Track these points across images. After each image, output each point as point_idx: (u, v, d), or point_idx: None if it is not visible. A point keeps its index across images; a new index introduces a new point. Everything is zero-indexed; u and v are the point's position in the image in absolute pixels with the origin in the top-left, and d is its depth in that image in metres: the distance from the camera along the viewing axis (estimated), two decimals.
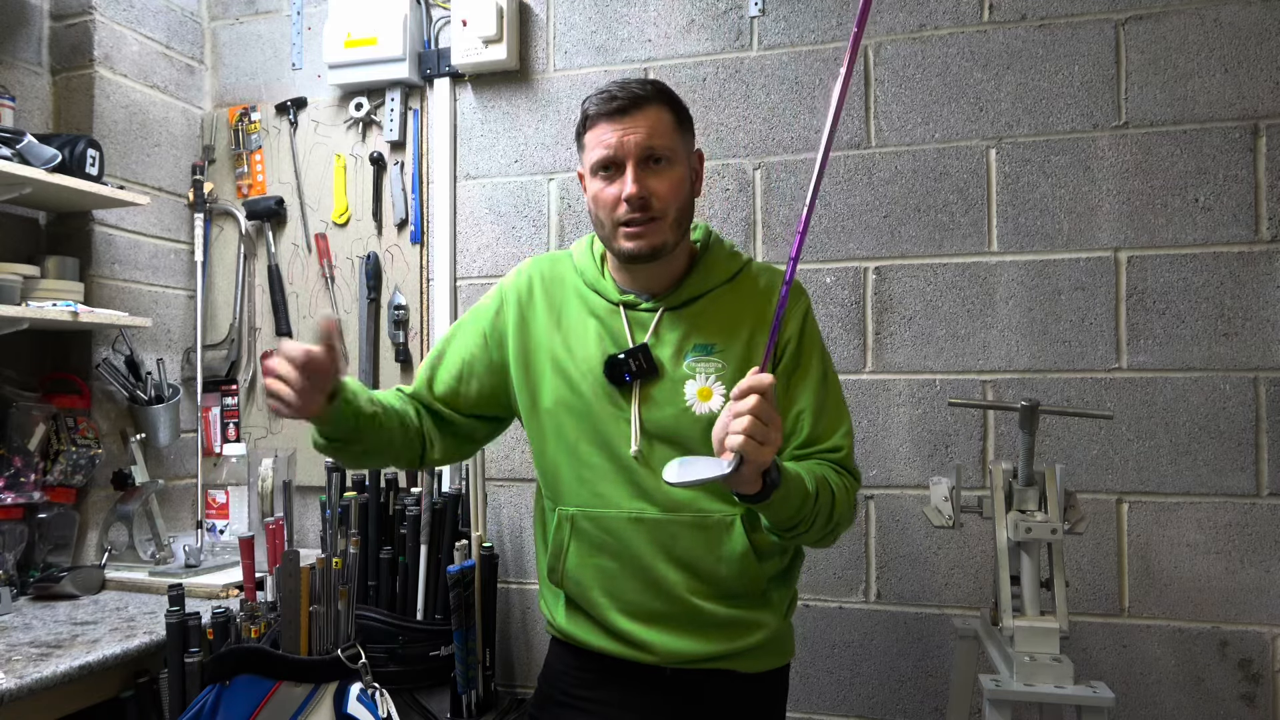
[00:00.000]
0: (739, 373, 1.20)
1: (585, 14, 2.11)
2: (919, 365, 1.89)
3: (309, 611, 1.45)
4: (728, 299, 1.27)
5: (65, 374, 2.01)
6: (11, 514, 1.82)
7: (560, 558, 1.27)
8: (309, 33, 2.31)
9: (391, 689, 1.50)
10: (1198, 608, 1.74)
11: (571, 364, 1.26)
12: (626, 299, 1.27)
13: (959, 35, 1.88)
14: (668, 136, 1.20)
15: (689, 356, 1.23)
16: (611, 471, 1.23)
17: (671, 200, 1.20)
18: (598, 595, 1.25)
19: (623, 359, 1.22)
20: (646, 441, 1.21)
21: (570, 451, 1.26)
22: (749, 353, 1.23)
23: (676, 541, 1.21)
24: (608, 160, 1.19)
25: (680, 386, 1.22)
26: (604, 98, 1.20)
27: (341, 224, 2.26)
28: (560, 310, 1.30)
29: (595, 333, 1.26)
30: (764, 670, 1.28)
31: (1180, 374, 1.76)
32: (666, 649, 1.22)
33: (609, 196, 1.19)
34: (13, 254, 1.91)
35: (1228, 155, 1.74)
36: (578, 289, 1.31)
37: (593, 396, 1.24)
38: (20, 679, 1.30)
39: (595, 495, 1.24)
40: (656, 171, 1.19)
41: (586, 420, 1.25)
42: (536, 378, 1.29)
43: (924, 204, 1.89)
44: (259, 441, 2.30)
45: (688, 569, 1.21)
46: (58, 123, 2.09)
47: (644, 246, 1.19)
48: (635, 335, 1.25)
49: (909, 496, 1.88)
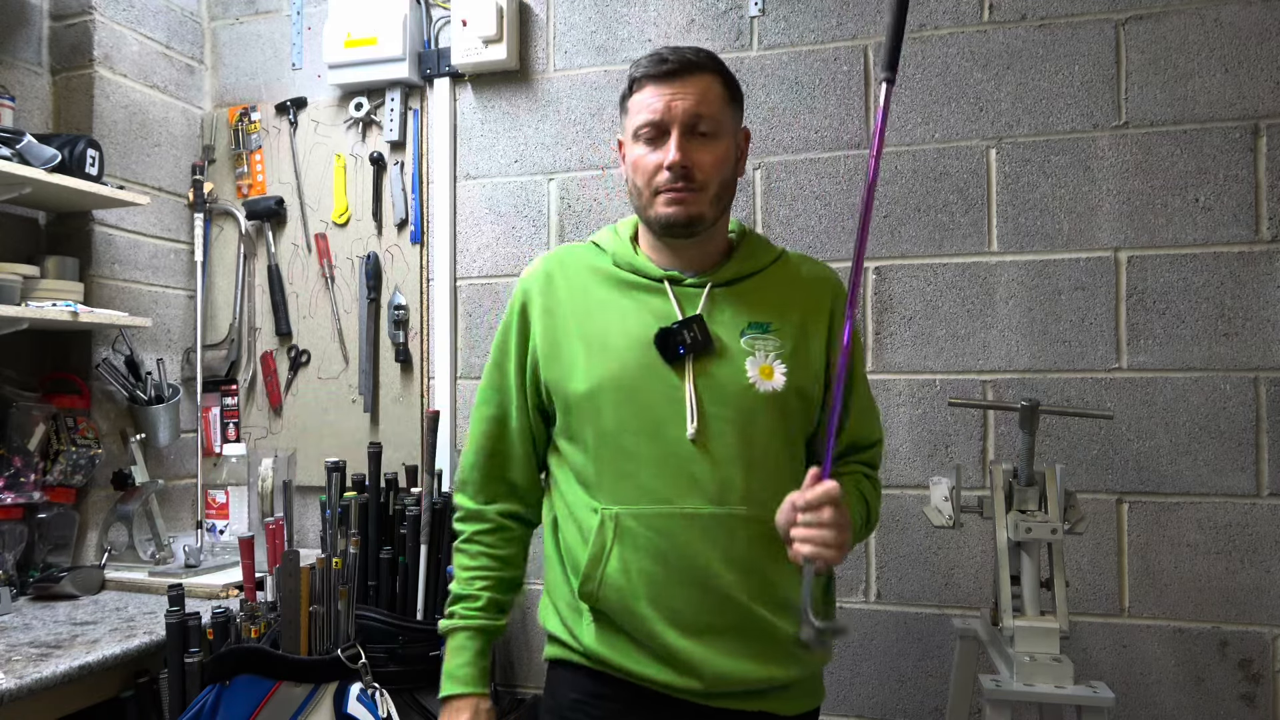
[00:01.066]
0: (796, 354, 1.16)
1: (585, 14, 2.11)
2: (919, 365, 1.89)
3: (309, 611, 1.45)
4: (775, 281, 1.21)
5: (65, 374, 2.01)
6: (11, 514, 1.82)
7: (600, 564, 1.11)
8: (309, 33, 2.31)
9: (391, 689, 1.50)
10: (1198, 608, 1.74)
11: (610, 343, 1.15)
12: (670, 274, 1.18)
13: (959, 35, 1.88)
14: (717, 107, 1.14)
15: (745, 334, 1.15)
16: (660, 461, 1.11)
17: (714, 173, 1.13)
18: (643, 606, 1.10)
19: (677, 330, 1.12)
20: (703, 423, 1.11)
21: (613, 441, 1.13)
22: (802, 337, 1.17)
23: (734, 539, 1.10)
24: (652, 125, 1.13)
25: (740, 363, 1.13)
26: (654, 59, 1.14)
27: (341, 224, 2.26)
28: (587, 294, 1.20)
29: (635, 310, 1.16)
30: (799, 713, 1.17)
31: (1180, 374, 1.76)
32: (715, 670, 1.09)
33: (650, 163, 1.13)
34: (13, 254, 1.91)
35: (1228, 155, 1.74)
36: (607, 271, 1.20)
37: (638, 375, 1.13)
38: (20, 679, 1.30)
39: (642, 490, 1.11)
40: (702, 143, 1.13)
41: (631, 402, 1.13)
42: (568, 365, 1.17)
43: (924, 204, 1.89)
44: (259, 441, 2.30)
45: (748, 570, 1.10)
46: (57, 123, 2.09)
47: (681, 214, 1.12)
48: (685, 309, 1.15)
49: (909, 496, 1.88)
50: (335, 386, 2.25)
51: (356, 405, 2.22)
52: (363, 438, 2.20)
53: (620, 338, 1.15)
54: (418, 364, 2.19)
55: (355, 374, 2.23)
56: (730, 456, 1.11)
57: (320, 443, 2.24)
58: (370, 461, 1.95)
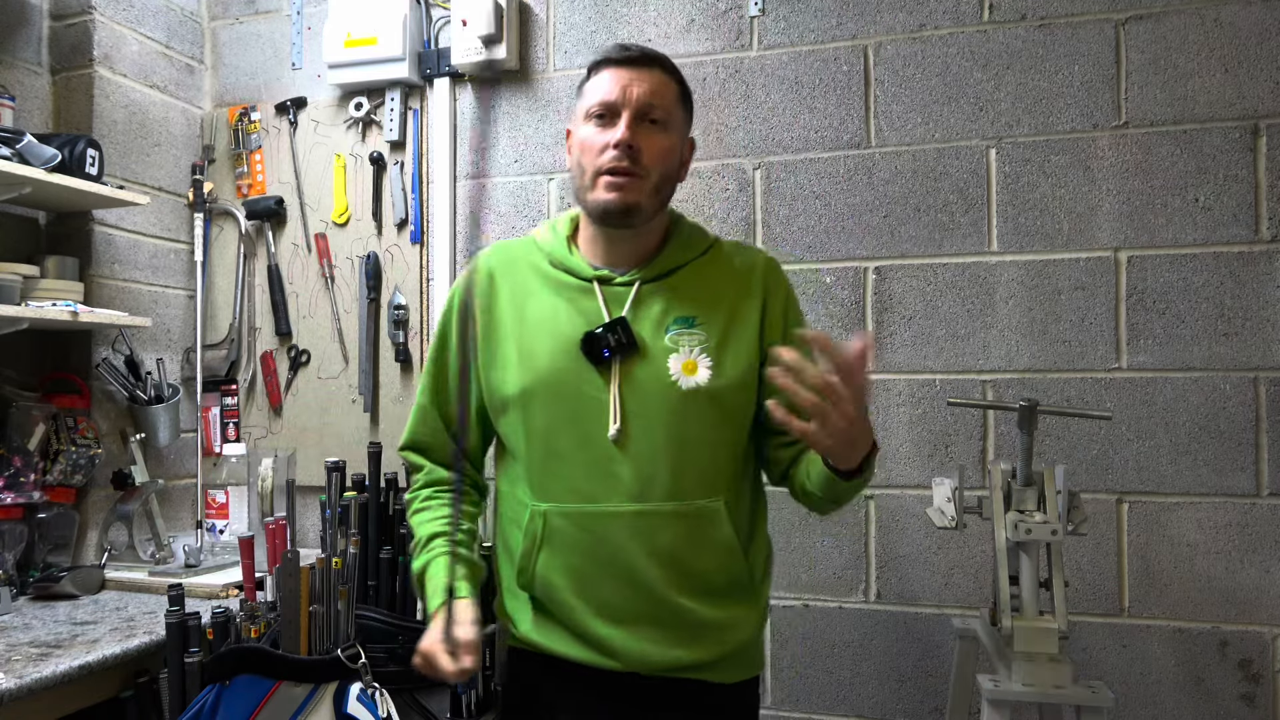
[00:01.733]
0: (722, 346, 1.18)
1: (585, 14, 2.11)
2: (919, 365, 1.89)
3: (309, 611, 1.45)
4: (705, 272, 1.24)
5: (65, 374, 2.01)
6: (11, 514, 1.81)
7: (531, 558, 1.19)
8: (309, 32, 2.31)
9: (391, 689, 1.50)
10: (1198, 608, 1.74)
11: (540, 345, 1.19)
12: (600, 274, 1.21)
13: (959, 35, 1.88)
14: (670, 102, 1.18)
15: (670, 329, 1.18)
16: (586, 461, 1.16)
17: (659, 163, 1.16)
18: (570, 597, 1.17)
19: (600, 334, 1.16)
20: (625, 424, 1.15)
21: (541, 442, 1.18)
22: (731, 325, 1.20)
23: (658, 534, 1.15)
24: (605, 106, 1.16)
25: (664, 360, 1.17)
26: (616, 48, 1.18)
27: (341, 224, 2.26)
28: (523, 294, 1.24)
29: (566, 312, 1.20)
30: (736, 681, 1.23)
31: (1180, 374, 1.76)
32: (636, 655, 1.15)
33: (598, 142, 1.15)
34: (12, 254, 1.91)
35: (1228, 155, 1.74)
36: (542, 270, 1.24)
37: (565, 378, 1.17)
38: (20, 679, 1.30)
39: (570, 489, 1.17)
40: (651, 130, 1.16)
41: (559, 404, 1.17)
42: (503, 367, 1.22)
43: (924, 204, 1.89)
44: (259, 441, 2.30)
45: (670, 563, 1.15)
46: (57, 122, 2.09)
47: (619, 200, 1.14)
48: (612, 311, 1.19)
49: (909, 496, 1.88)
50: (335, 386, 2.25)
51: (356, 405, 2.22)
52: (363, 438, 2.20)
53: (550, 340, 1.19)
54: (418, 364, 2.19)
55: (355, 374, 2.23)
56: (654, 454, 1.15)
57: (320, 443, 2.25)
58: (370, 461, 1.95)
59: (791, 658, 1.93)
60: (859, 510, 1.91)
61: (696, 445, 1.17)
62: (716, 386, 1.17)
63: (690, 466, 1.16)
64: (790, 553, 1.94)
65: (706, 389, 1.16)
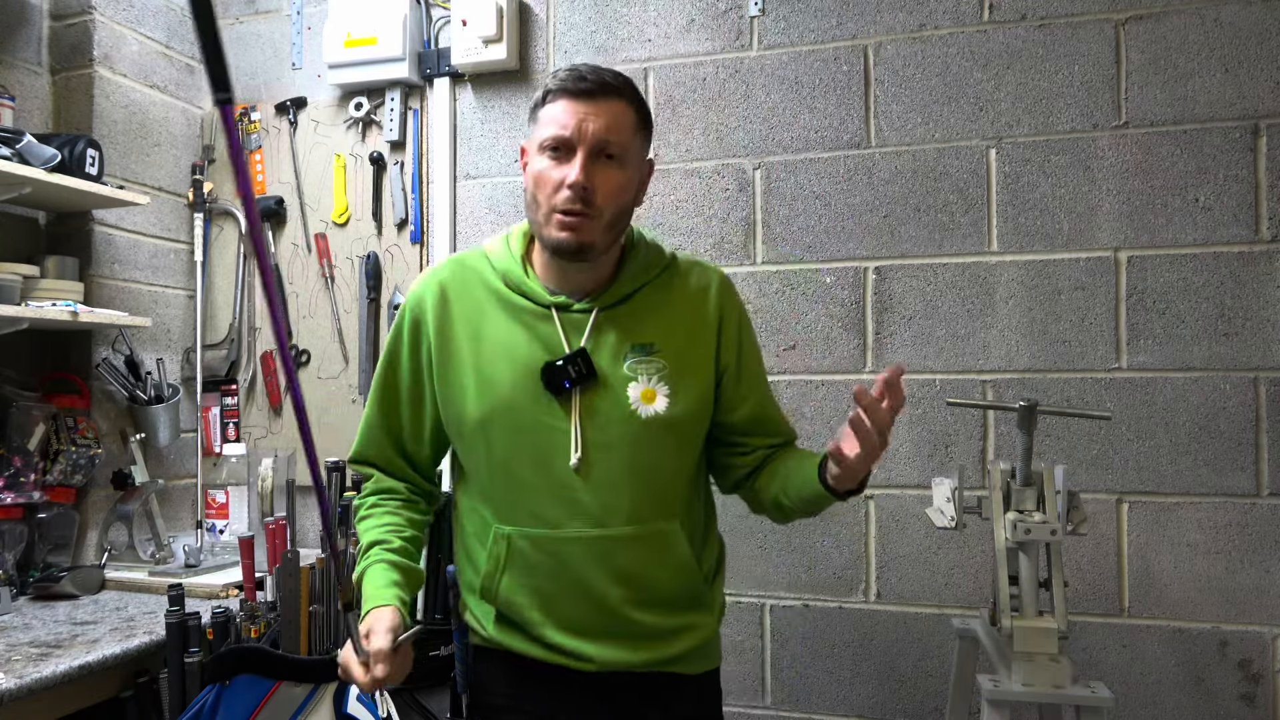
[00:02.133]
0: (679, 371, 1.20)
1: (585, 14, 2.11)
2: (919, 365, 1.89)
3: (309, 611, 1.45)
4: (661, 295, 1.24)
5: (65, 374, 2.01)
6: (11, 514, 1.82)
7: (494, 578, 1.20)
8: (309, 32, 2.31)
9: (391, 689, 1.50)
10: (1198, 608, 1.74)
11: (498, 373, 1.18)
12: (558, 300, 1.20)
13: (959, 35, 1.88)
14: (626, 135, 1.16)
15: (629, 358, 1.19)
16: (547, 489, 1.17)
17: (612, 201, 1.15)
18: (533, 614, 1.19)
19: (561, 366, 1.15)
20: (586, 453, 1.16)
21: (503, 468, 1.19)
22: (688, 349, 1.22)
23: (618, 556, 1.17)
24: (560, 140, 1.13)
25: (623, 389, 1.17)
26: (573, 76, 1.14)
27: (341, 224, 2.26)
28: (479, 316, 1.22)
29: (524, 338, 1.19)
30: (699, 672, 1.27)
31: (1180, 374, 1.76)
32: (603, 658, 1.18)
33: (553, 179, 1.13)
34: (13, 254, 1.91)
35: (1228, 155, 1.74)
36: (498, 292, 1.22)
37: (526, 407, 1.17)
38: (20, 679, 1.30)
39: (531, 515, 1.18)
40: (606, 167, 1.14)
41: (519, 434, 1.18)
42: (460, 394, 1.20)
43: (924, 204, 1.89)
44: (259, 441, 2.30)
45: (629, 583, 1.18)
46: (57, 122, 2.09)
47: (573, 240, 1.13)
48: (570, 339, 1.18)
49: (909, 496, 1.88)
50: (335, 386, 2.25)
51: (356, 405, 2.22)
52: None
53: (508, 368, 1.18)
54: None
55: (355, 374, 2.23)
56: (614, 482, 1.17)
57: (320, 443, 2.23)
58: None
59: (791, 658, 1.93)
60: (859, 510, 1.91)
61: (654, 471, 1.19)
62: (674, 415, 1.18)
63: (648, 492, 1.19)
64: (790, 553, 1.94)
65: (664, 417, 1.18)
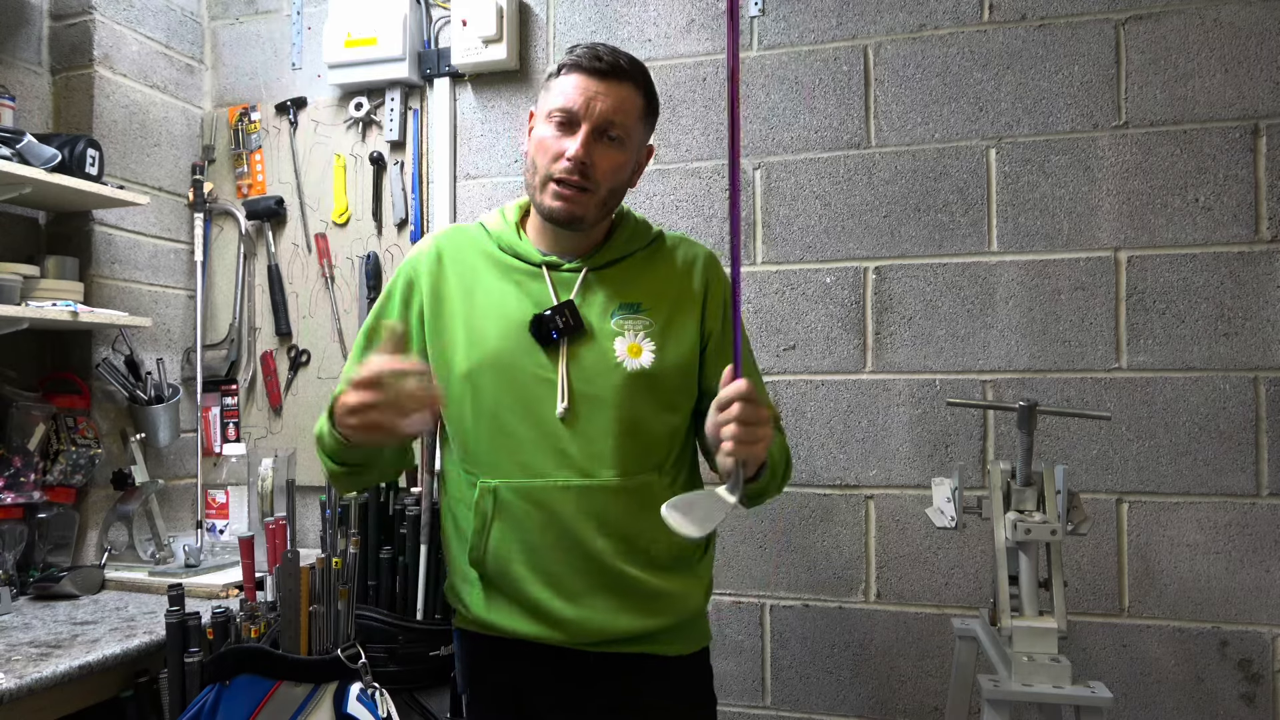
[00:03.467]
0: (665, 332, 1.23)
1: (585, 14, 2.11)
2: (919, 365, 1.89)
3: (309, 611, 1.45)
4: (650, 263, 1.29)
5: (65, 374, 2.01)
6: (11, 514, 1.82)
7: (483, 535, 1.21)
8: (309, 33, 2.31)
9: (391, 689, 1.50)
10: (1198, 608, 1.74)
11: (489, 326, 1.22)
12: (549, 260, 1.25)
13: (959, 35, 1.88)
14: (631, 119, 1.21)
15: (615, 315, 1.23)
16: (535, 438, 1.19)
17: (609, 179, 1.20)
18: (521, 569, 1.20)
19: (549, 315, 1.20)
20: (572, 403, 1.19)
21: (490, 419, 1.21)
22: (674, 313, 1.25)
23: (606, 508, 1.19)
24: (567, 113, 1.18)
25: (609, 343, 1.21)
26: (590, 54, 1.19)
27: (341, 224, 2.26)
28: (473, 277, 1.27)
29: (515, 295, 1.24)
30: (688, 653, 1.28)
31: (1180, 374, 1.76)
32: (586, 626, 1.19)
33: (554, 148, 1.18)
34: (13, 254, 1.91)
35: (1228, 155, 1.74)
36: (491, 255, 1.28)
37: (514, 357, 1.21)
38: (20, 679, 1.30)
39: (519, 465, 1.20)
40: (607, 146, 1.19)
41: (507, 383, 1.21)
42: (450, 345, 1.24)
43: (924, 204, 1.89)
44: (259, 441, 2.30)
45: (617, 535, 1.19)
46: (58, 123, 2.09)
47: (564, 211, 1.19)
48: (560, 295, 1.23)
49: (909, 496, 1.88)
50: (335, 386, 2.25)
51: None
52: None
53: (499, 321, 1.22)
54: None
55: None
56: (600, 432, 1.20)
57: None
58: None
59: (791, 658, 1.93)
60: (859, 510, 1.91)
61: (640, 424, 1.21)
62: (659, 369, 1.22)
63: (634, 443, 1.21)
64: (790, 553, 1.94)
65: (649, 371, 1.21)
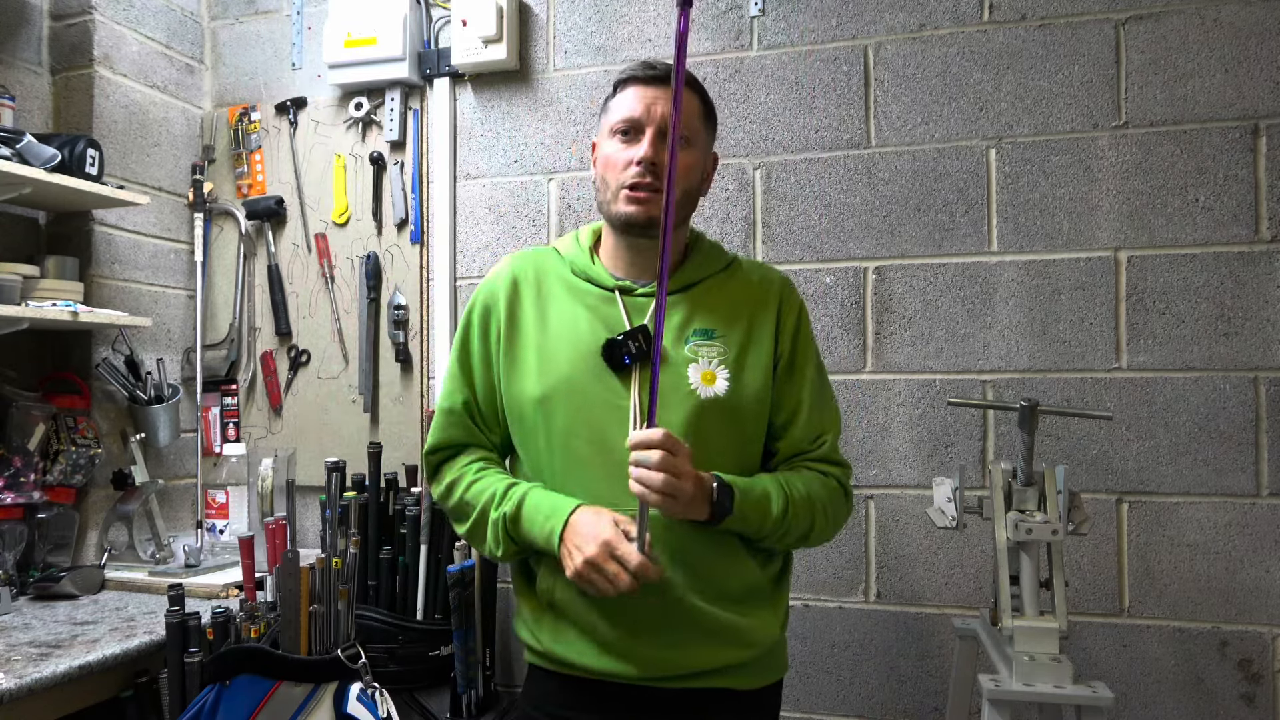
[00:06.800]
0: (740, 359, 1.21)
1: (585, 14, 2.11)
2: (919, 365, 1.89)
3: (309, 611, 1.45)
4: (725, 287, 1.26)
5: (65, 374, 2.01)
6: (11, 514, 1.81)
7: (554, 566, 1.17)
8: (309, 33, 2.31)
9: (391, 689, 1.51)
10: (1198, 608, 1.74)
11: (561, 351, 1.20)
12: (622, 284, 1.23)
13: (959, 35, 1.88)
14: (694, 120, 1.21)
15: (690, 340, 1.20)
16: (607, 466, 1.16)
17: (681, 179, 1.17)
18: (593, 603, 1.16)
19: (622, 341, 1.17)
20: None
21: (562, 447, 1.19)
22: (748, 341, 1.22)
23: (679, 539, 1.15)
24: (630, 122, 1.18)
25: (683, 369, 1.18)
26: (641, 65, 1.21)
27: (341, 224, 2.26)
28: (546, 302, 1.25)
29: (587, 320, 1.21)
30: (759, 686, 1.22)
31: (1180, 374, 1.76)
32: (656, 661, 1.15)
33: (622, 159, 1.18)
34: (13, 254, 1.91)
35: (1228, 155, 1.74)
36: (565, 279, 1.26)
37: (586, 383, 1.18)
38: (20, 679, 1.30)
39: (590, 495, 1.16)
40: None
41: (579, 409, 1.18)
42: (524, 373, 1.23)
43: (924, 204, 1.89)
44: (259, 441, 2.30)
45: (688, 568, 1.15)
46: (57, 122, 2.09)
47: (642, 213, 1.17)
48: (633, 320, 1.20)
49: (909, 496, 1.88)
50: (335, 386, 2.25)
51: (356, 405, 2.22)
52: (363, 437, 2.20)
53: (571, 346, 1.20)
54: (418, 364, 2.19)
55: (355, 374, 2.23)
56: None
57: (320, 443, 2.25)
58: (370, 461, 1.95)
59: (791, 658, 1.93)
60: (859, 510, 1.91)
61: (713, 453, 1.17)
62: (733, 398, 1.19)
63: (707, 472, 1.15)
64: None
65: (724, 400, 1.18)
